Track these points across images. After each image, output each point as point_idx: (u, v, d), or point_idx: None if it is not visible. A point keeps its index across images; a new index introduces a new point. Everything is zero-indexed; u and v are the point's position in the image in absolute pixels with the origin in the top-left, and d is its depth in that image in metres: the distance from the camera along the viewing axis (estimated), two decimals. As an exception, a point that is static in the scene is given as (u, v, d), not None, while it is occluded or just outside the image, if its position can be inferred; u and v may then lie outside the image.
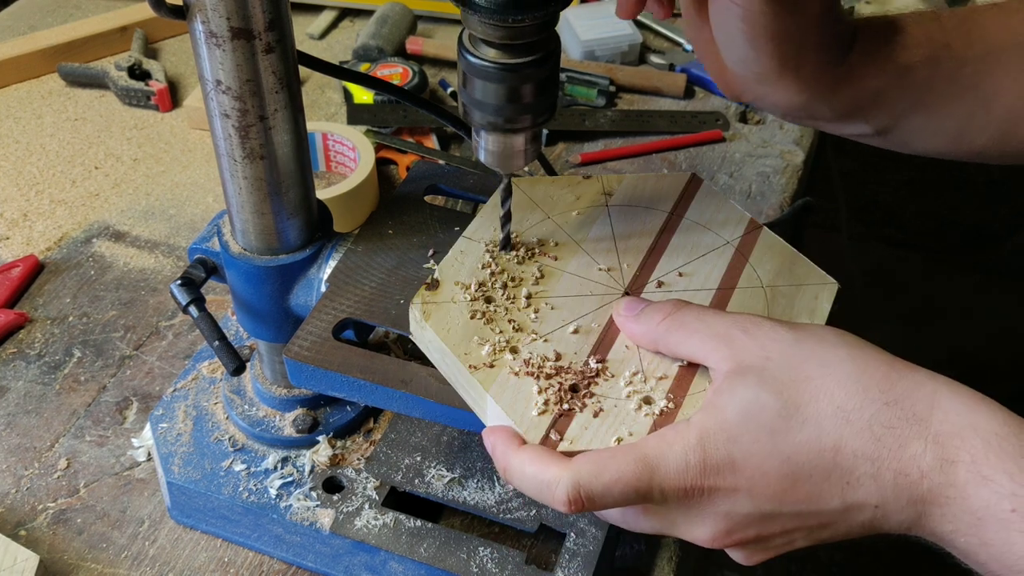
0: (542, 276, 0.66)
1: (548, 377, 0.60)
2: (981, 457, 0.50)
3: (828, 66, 0.65)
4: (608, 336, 0.63)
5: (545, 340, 0.62)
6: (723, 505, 0.54)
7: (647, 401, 0.59)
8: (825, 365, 0.54)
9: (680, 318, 0.59)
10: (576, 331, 0.63)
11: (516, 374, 0.60)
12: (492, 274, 0.66)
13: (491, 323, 0.63)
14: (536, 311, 0.64)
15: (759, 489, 0.53)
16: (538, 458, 0.56)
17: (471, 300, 0.64)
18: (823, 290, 0.67)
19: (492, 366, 0.60)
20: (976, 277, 2.58)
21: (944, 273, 2.60)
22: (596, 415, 0.58)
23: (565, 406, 0.58)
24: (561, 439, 0.57)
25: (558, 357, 0.61)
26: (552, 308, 0.64)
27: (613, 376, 0.60)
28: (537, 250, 0.68)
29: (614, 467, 0.54)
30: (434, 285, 0.65)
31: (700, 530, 0.56)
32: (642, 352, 0.62)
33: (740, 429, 0.53)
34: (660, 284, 0.67)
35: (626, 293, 0.66)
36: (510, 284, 0.65)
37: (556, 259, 0.68)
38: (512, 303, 0.64)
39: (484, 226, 0.69)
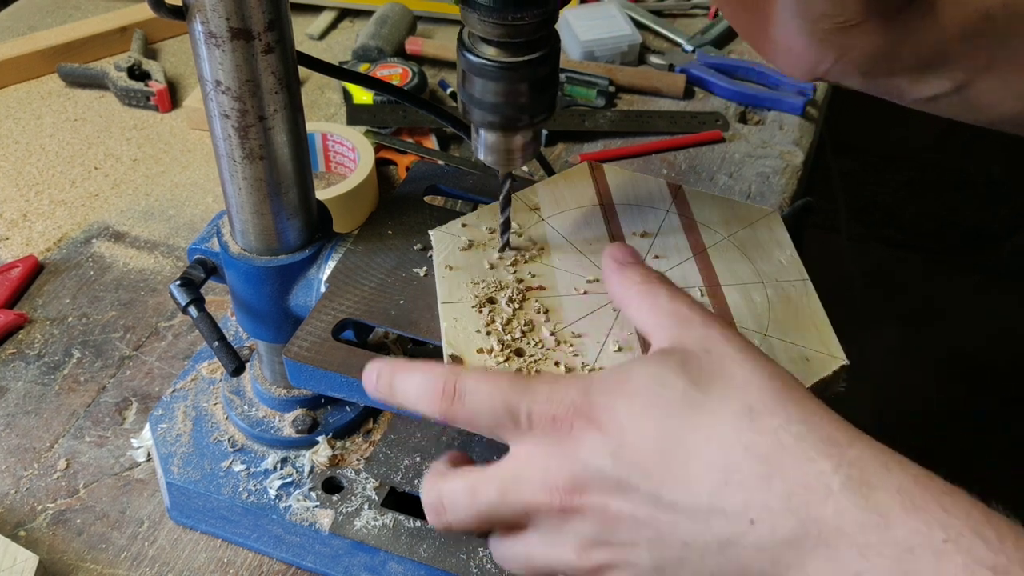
0: (547, 310, 0.64)
1: None
2: (910, 485, 0.45)
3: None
4: (647, 343, 0.62)
5: (600, 368, 0.60)
6: (583, 450, 0.50)
7: None
8: (753, 373, 0.50)
9: (654, 290, 0.56)
10: (619, 349, 0.61)
11: None
12: (502, 326, 0.63)
13: (540, 374, 0.59)
14: (571, 345, 0.62)
15: (627, 446, 0.49)
16: (427, 366, 0.55)
17: (505, 361, 0.60)
18: (770, 221, 0.71)
19: None
20: (976, 278, 2.59)
21: (944, 274, 2.60)
22: None
23: None
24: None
25: None
26: (577, 335, 0.62)
27: None
28: (521, 287, 0.66)
29: (493, 373, 0.53)
30: (457, 363, 0.60)
31: (553, 472, 0.50)
32: None
33: (633, 390, 0.50)
34: None
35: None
36: (526, 329, 0.63)
37: (543, 288, 0.66)
38: (540, 347, 0.62)
39: (453, 285, 0.66)
